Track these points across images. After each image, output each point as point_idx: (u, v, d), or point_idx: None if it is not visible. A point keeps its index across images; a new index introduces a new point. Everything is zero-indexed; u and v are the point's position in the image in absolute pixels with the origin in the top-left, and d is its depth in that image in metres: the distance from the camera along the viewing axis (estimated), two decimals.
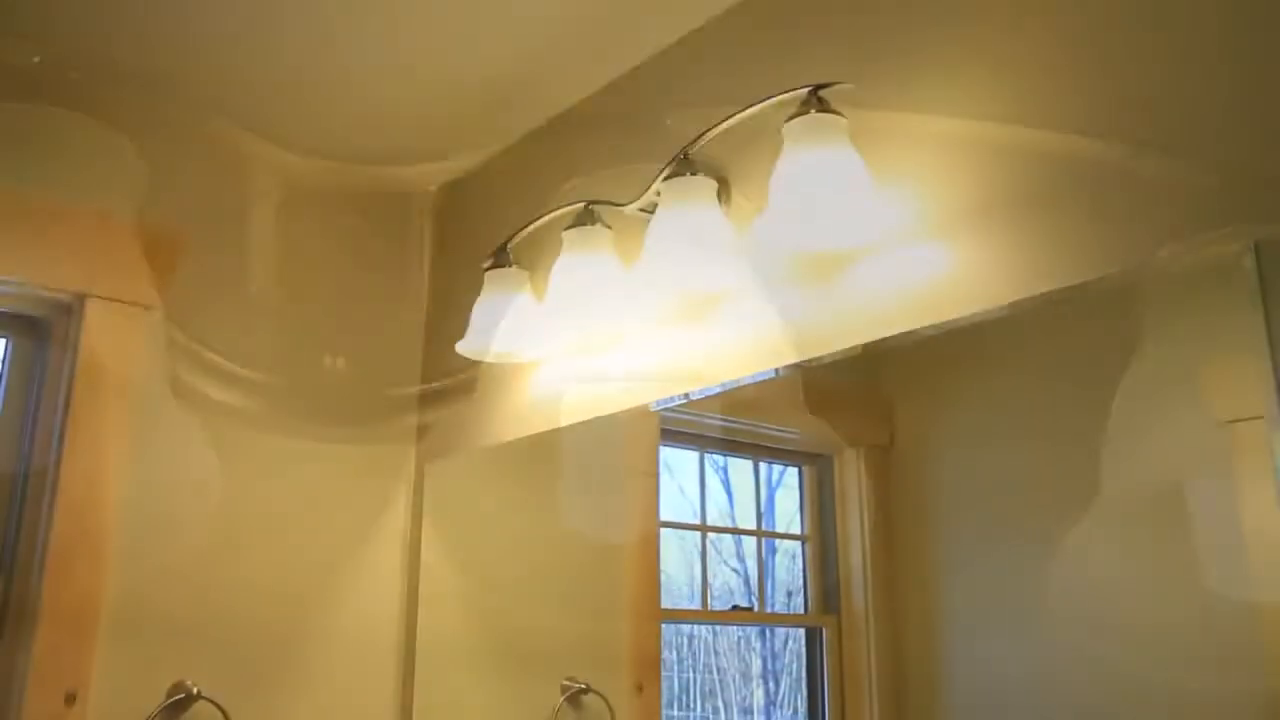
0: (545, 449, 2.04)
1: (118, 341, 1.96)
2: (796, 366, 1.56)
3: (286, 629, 2.09)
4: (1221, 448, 1.13)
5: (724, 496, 1.80)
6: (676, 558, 1.80)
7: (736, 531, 1.81)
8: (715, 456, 1.84)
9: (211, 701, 1.94)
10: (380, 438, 2.30)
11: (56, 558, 1.82)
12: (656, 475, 1.86)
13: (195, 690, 1.92)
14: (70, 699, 1.80)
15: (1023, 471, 1.33)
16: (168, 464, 2.01)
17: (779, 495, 1.74)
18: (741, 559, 1.77)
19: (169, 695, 1.91)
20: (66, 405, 1.89)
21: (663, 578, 1.81)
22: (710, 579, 1.78)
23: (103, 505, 1.88)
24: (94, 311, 1.94)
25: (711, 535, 1.82)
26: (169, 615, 1.96)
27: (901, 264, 1.45)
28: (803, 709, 1.61)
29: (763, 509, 1.76)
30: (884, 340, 1.44)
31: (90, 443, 1.89)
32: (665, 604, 1.80)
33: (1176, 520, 1.15)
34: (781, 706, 1.64)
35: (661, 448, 1.87)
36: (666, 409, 1.79)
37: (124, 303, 1.98)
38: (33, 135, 1.96)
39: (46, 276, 1.92)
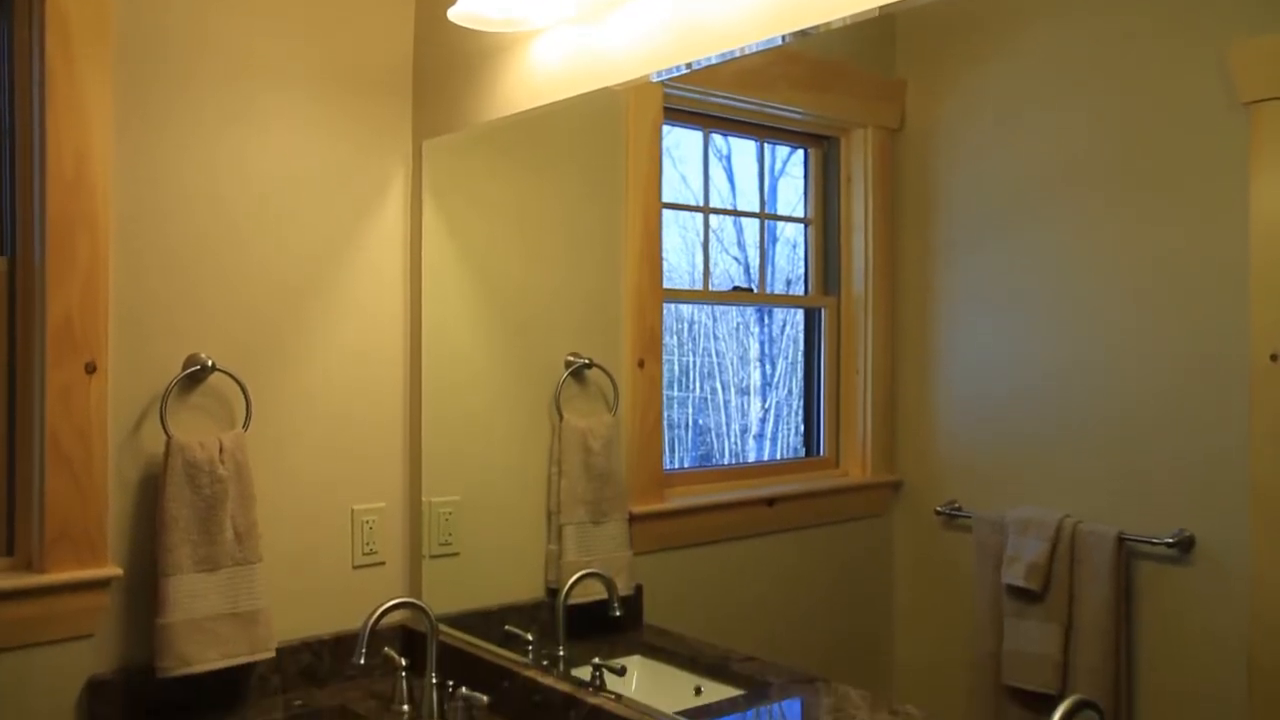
0: (546, 128, 1.97)
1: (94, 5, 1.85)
2: (804, 34, 1.46)
3: (294, 309, 2.12)
4: (1239, 129, 1.08)
5: (727, 185, 1.76)
6: (677, 245, 1.79)
7: (739, 214, 1.78)
8: (719, 138, 1.78)
9: (226, 373, 2.01)
10: (373, 115, 2.23)
11: (56, 234, 1.82)
12: (659, 154, 1.81)
13: (210, 363, 1.99)
14: (90, 368, 1.86)
15: (1033, 157, 1.28)
16: (157, 142, 1.96)
17: (781, 184, 1.70)
18: (742, 247, 1.76)
19: (185, 367, 1.98)
20: (42, 79, 1.82)
21: (664, 266, 1.81)
22: (711, 267, 1.78)
23: (94, 187, 1.85)
24: None
25: (713, 225, 1.79)
26: (175, 297, 1.98)
27: None
28: (798, 390, 1.66)
29: (766, 195, 1.73)
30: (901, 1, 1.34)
31: (74, 118, 1.83)
32: (666, 287, 1.81)
33: (1186, 201, 1.12)
34: (777, 388, 1.69)
35: (665, 126, 1.80)
36: (669, 83, 1.71)
37: None
38: None
39: None
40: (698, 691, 1.67)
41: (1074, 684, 1.21)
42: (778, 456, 1.67)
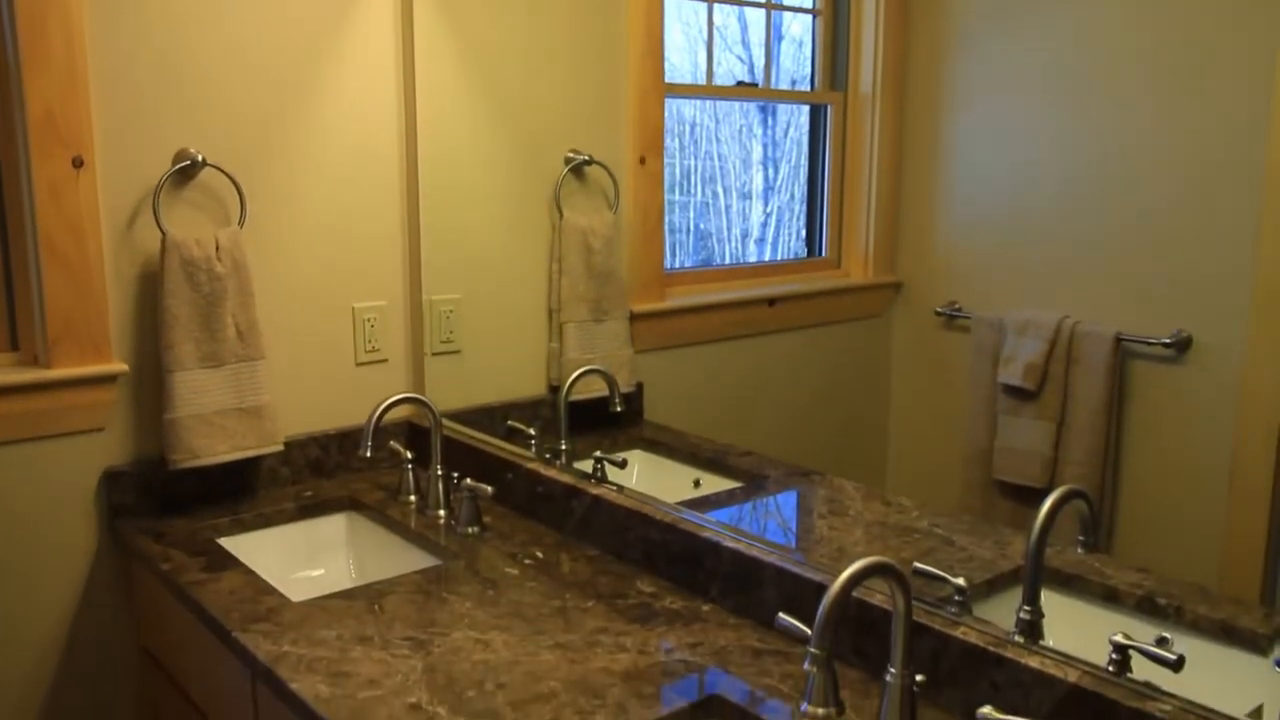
0: None
1: None
2: None
3: (284, 105, 2.06)
4: None
5: None
6: (680, 45, 1.72)
7: (743, 2, 1.71)
8: None
9: (218, 169, 1.97)
10: None
11: (26, 24, 1.74)
12: None
13: (200, 158, 1.94)
14: (77, 163, 1.82)
15: None
16: None
17: None
18: (747, 46, 1.69)
19: (175, 162, 1.93)
20: None
21: (666, 65, 1.74)
22: (715, 66, 1.71)
23: None
24: None
25: (717, 22, 1.72)
26: (161, 91, 1.91)
27: None
28: (800, 193, 1.63)
29: None
30: None
31: None
32: (669, 83, 1.76)
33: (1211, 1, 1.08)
34: (780, 192, 1.67)
35: None
36: None
37: None
38: None
39: None
40: (697, 484, 1.73)
41: (1062, 479, 1.25)
42: (779, 258, 1.67)
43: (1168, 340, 1.16)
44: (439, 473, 2.02)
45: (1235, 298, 1.09)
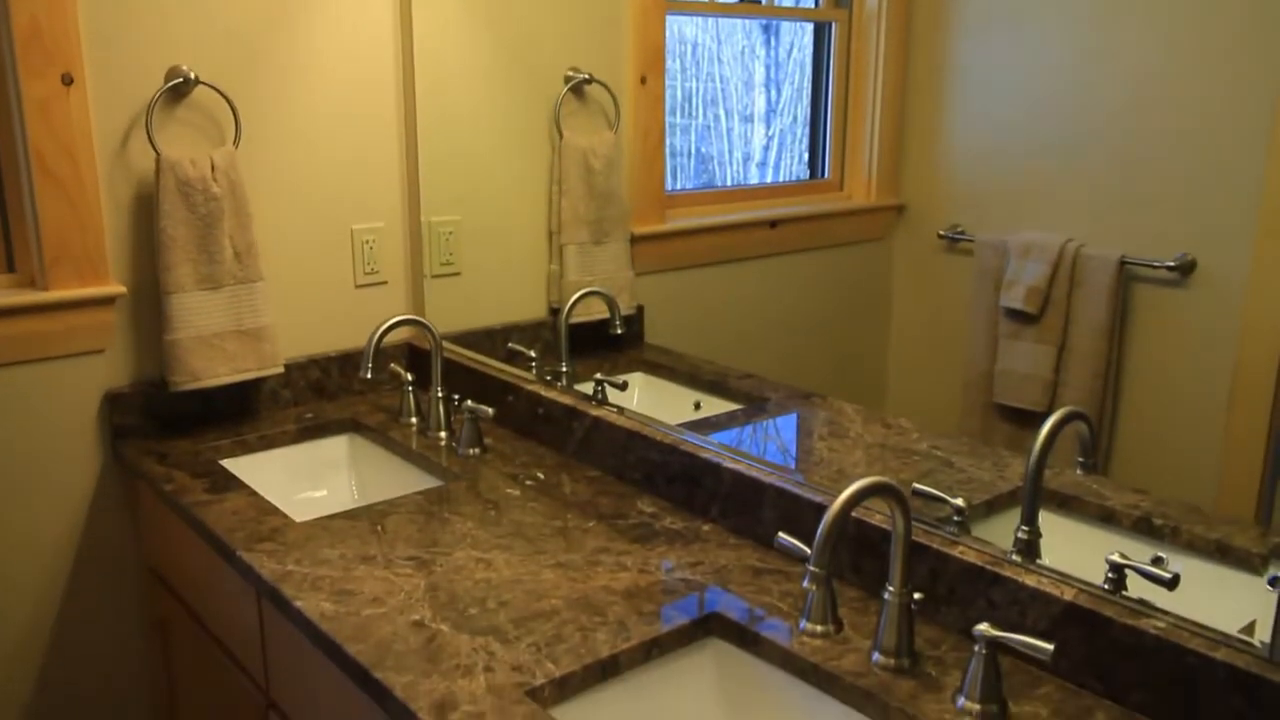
0: None
1: None
2: None
3: (275, 23, 2.02)
4: None
5: None
6: None
7: None
8: None
9: (211, 87, 1.94)
10: None
11: None
12: None
13: (193, 75, 1.91)
14: (66, 80, 1.79)
15: None
16: None
17: None
18: None
19: (167, 79, 1.90)
20: None
21: None
22: None
23: None
24: None
25: None
26: (149, 7, 1.88)
27: None
28: (803, 116, 1.61)
29: None
30: None
31: None
32: None
33: None
34: (782, 115, 1.64)
35: None
36: None
37: None
38: None
39: None
40: (697, 406, 1.73)
41: (1062, 402, 1.26)
42: (781, 180, 1.65)
43: (1171, 263, 1.15)
44: (440, 395, 2.02)
45: (1241, 221, 1.08)
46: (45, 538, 1.93)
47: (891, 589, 1.23)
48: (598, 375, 1.89)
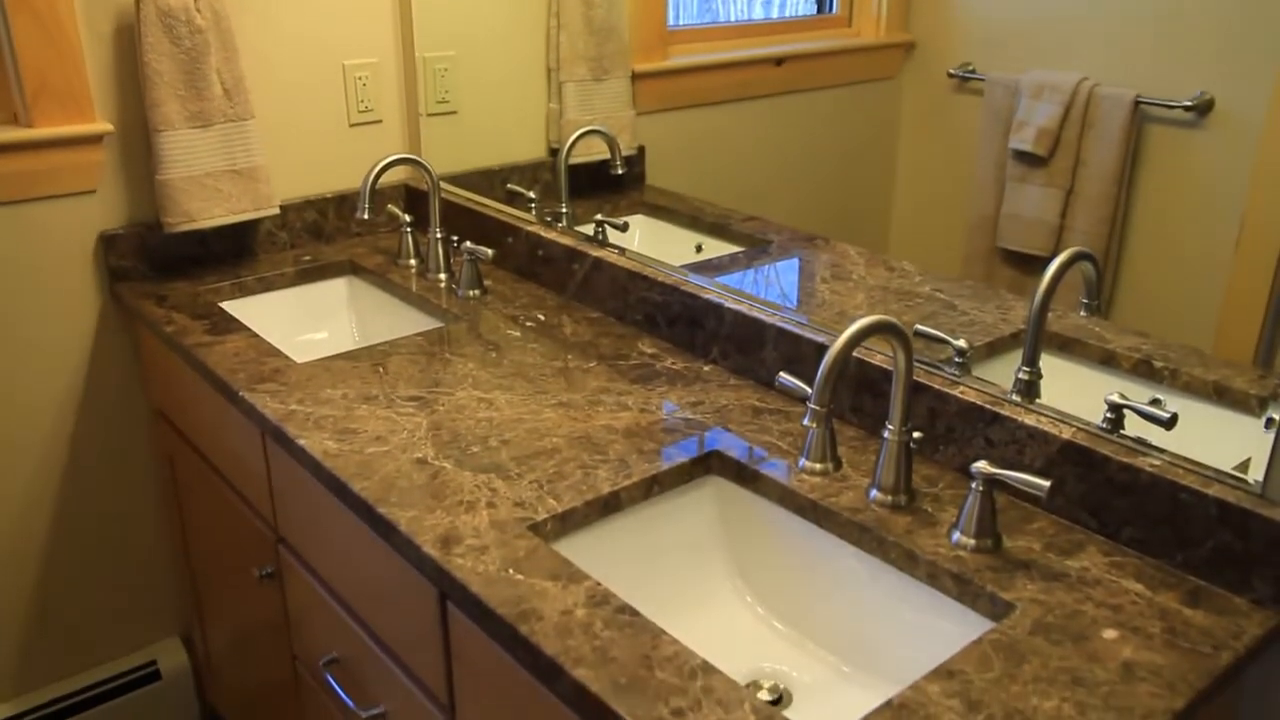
0: None
1: None
2: None
3: None
4: None
5: None
6: None
7: None
8: None
9: None
10: None
11: None
12: None
13: None
14: None
15: None
16: None
17: None
18: None
19: None
20: None
21: None
22: None
23: None
24: None
25: None
26: None
27: None
28: None
29: None
30: None
31: None
32: None
33: None
34: None
35: None
36: None
37: None
38: None
39: None
40: (699, 249, 1.72)
41: (1067, 247, 1.25)
42: (787, 16, 1.59)
43: (1189, 103, 1.12)
44: (439, 236, 2.00)
45: (1263, 58, 1.05)
46: (50, 379, 1.94)
47: (891, 428, 1.24)
48: (598, 216, 1.87)
